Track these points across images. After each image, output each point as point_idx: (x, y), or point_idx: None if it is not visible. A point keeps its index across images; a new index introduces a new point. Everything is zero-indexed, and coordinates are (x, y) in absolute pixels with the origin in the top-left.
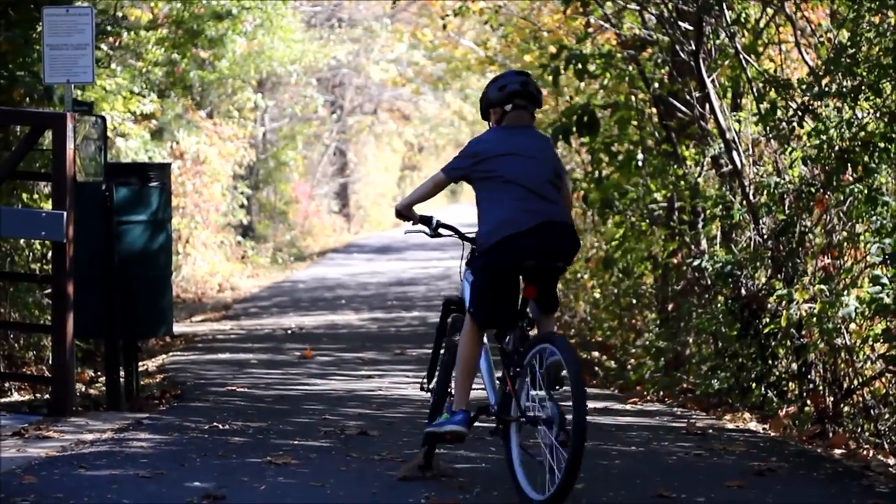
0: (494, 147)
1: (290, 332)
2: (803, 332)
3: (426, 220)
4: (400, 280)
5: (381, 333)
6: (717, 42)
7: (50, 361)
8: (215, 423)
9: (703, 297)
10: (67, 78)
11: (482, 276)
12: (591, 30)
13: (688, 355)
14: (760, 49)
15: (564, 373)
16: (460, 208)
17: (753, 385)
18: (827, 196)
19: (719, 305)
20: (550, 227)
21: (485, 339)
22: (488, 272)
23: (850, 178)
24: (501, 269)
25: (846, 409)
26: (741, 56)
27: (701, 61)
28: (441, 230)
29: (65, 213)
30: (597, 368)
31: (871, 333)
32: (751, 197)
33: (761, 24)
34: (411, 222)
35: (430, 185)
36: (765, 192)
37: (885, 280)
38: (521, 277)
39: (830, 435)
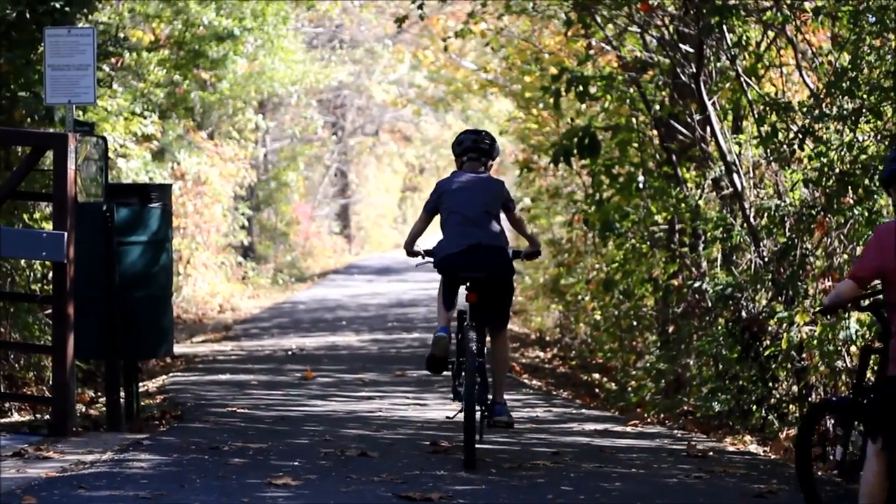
0: (448, 185)
1: (290, 353)
2: (804, 355)
3: (429, 252)
4: (400, 301)
5: (382, 355)
6: (718, 64)
7: (50, 382)
8: (215, 444)
9: (703, 319)
10: (69, 98)
11: (441, 280)
12: (592, 52)
13: (688, 377)
14: (761, 72)
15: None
16: None
17: (754, 407)
18: (827, 219)
19: (720, 328)
20: (479, 248)
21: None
22: (443, 277)
23: (851, 201)
24: (445, 277)
25: None
26: (742, 79)
27: (702, 84)
28: (427, 257)
29: (65, 234)
30: (597, 390)
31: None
32: (751, 219)
33: (762, 47)
34: (420, 257)
35: (419, 222)
36: (765, 214)
37: None
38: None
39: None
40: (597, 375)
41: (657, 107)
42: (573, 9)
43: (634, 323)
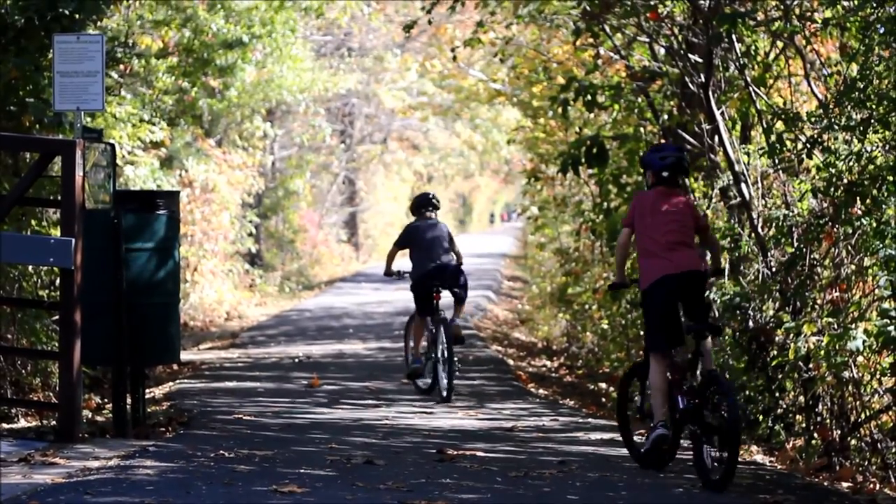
0: (417, 228)
1: (297, 360)
2: (811, 365)
3: (399, 273)
4: (407, 309)
5: (388, 363)
6: (727, 74)
7: (57, 388)
8: (221, 451)
9: None
10: (77, 105)
11: (414, 293)
12: (600, 61)
13: None
14: (770, 82)
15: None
16: (468, 236)
17: (761, 417)
18: (835, 229)
19: (727, 338)
20: (442, 267)
21: (429, 323)
22: (415, 291)
23: (859, 212)
24: (419, 290)
25: (853, 442)
26: (751, 89)
27: (710, 93)
28: (405, 274)
29: (73, 240)
30: (604, 399)
31: (879, 367)
32: (759, 229)
33: (771, 57)
34: (395, 276)
35: (390, 253)
36: (773, 224)
37: (893, 313)
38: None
39: (837, 468)
40: (604, 385)
41: (665, 116)
42: (582, 18)
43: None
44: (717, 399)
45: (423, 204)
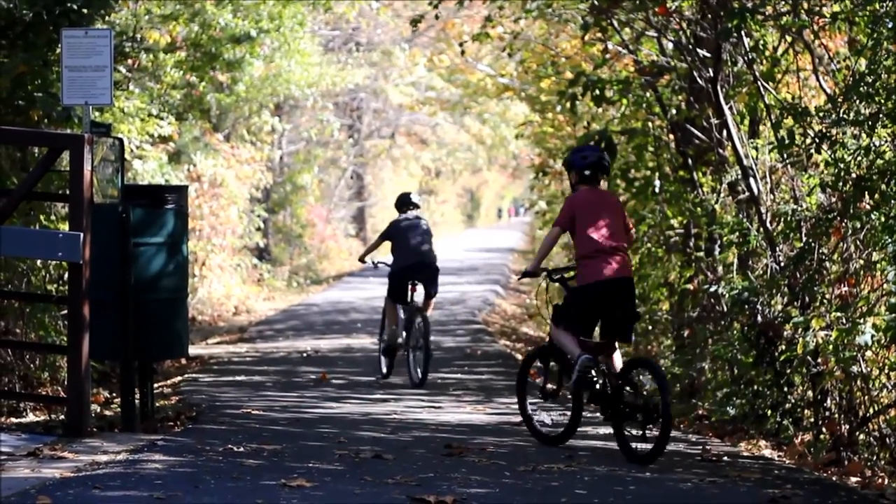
0: (399, 224)
1: (305, 355)
2: (819, 360)
3: (375, 264)
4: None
5: (396, 357)
6: (735, 69)
7: (65, 382)
8: (230, 446)
9: (719, 323)
10: (85, 100)
11: (391, 281)
12: (608, 56)
13: (703, 382)
14: (778, 76)
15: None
16: (475, 231)
17: (769, 412)
18: (844, 223)
19: (735, 332)
20: (422, 263)
21: (400, 313)
22: (393, 280)
23: (868, 206)
24: (397, 279)
25: (862, 436)
26: (759, 83)
27: (719, 88)
28: (380, 264)
29: (81, 235)
30: None
31: (888, 362)
32: (768, 224)
33: (779, 52)
34: (373, 265)
35: (373, 244)
36: (782, 219)
37: None
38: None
39: (846, 463)
40: None
41: (674, 111)
42: (590, 12)
43: (650, 327)
44: (639, 379)
45: (404, 203)
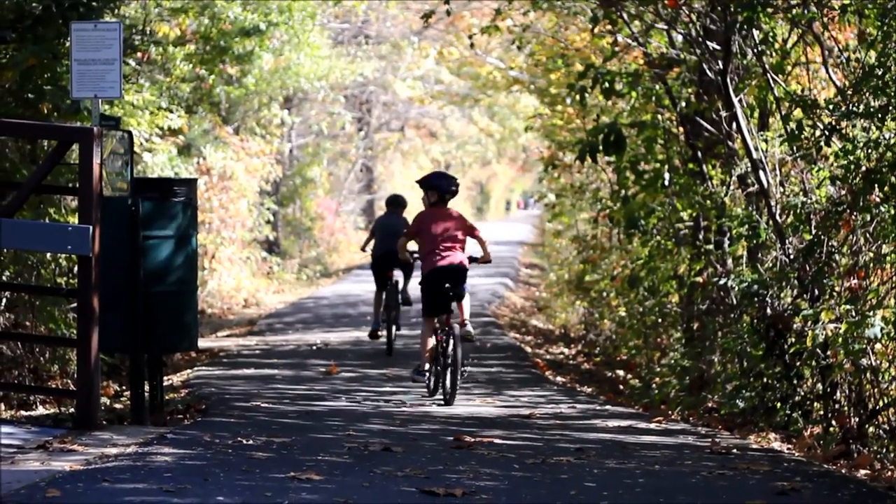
0: (382, 219)
1: (314, 347)
2: (829, 353)
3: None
4: (419, 298)
5: (405, 350)
6: (745, 61)
7: (75, 375)
8: (239, 438)
9: (728, 316)
10: (95, 93)
11: (371, 270)
12: (618, 49)
13: (713, 374)
14: (788, 69)
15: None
16: (485, 224)
17: (778, 405)
18: (853, 216)
19: (745, 325)
20: (390, 253)
21: (383, 298)
22: (372, 269)
23: (877, 199)
24: (375, 266)
25: (871, 429)
26: (769, 75)
27: (728, 80)
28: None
29: (91, 228)
30: (621, 387)
31: None
32: (777, 217)
33: (789, 44)
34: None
35: (366, 241)
36: (791, 211)
37: None
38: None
39: (855, 456)
40: (621, 372)
41: (683, 103)
42: (599, 5)
43: (659, 320)
44: (444, 345)
45: (390, 202)
